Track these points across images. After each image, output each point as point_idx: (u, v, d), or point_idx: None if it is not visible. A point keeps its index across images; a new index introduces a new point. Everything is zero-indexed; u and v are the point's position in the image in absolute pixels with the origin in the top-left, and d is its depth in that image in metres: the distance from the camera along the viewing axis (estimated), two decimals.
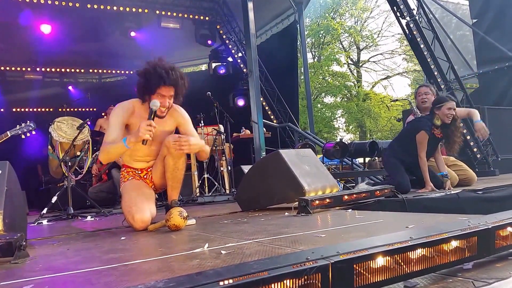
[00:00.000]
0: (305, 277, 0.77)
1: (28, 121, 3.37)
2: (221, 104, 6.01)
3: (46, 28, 7.36)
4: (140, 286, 0.70)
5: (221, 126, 6.01)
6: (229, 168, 5.85)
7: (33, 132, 3.41)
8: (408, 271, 0.95)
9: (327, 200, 2.86)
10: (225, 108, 6.17)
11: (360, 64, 26.24)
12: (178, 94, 2.66)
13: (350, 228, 1.98)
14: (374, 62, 26.25)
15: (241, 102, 9.18)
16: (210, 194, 5.57)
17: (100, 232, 2.72)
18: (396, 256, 0.93)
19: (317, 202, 2.76)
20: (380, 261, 0.90)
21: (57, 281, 1.32)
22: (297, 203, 2.76)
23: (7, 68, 9.52)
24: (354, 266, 0.83)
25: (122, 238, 2.26)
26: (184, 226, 2.36)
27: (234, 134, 6.99)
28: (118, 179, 5.41)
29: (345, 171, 7.56)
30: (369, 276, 0.87)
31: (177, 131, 2.83)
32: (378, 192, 3.29)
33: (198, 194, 5.57)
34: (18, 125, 3.30)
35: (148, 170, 2.82)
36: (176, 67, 2.62)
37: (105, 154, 2.53)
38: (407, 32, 6.11)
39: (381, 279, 0.89)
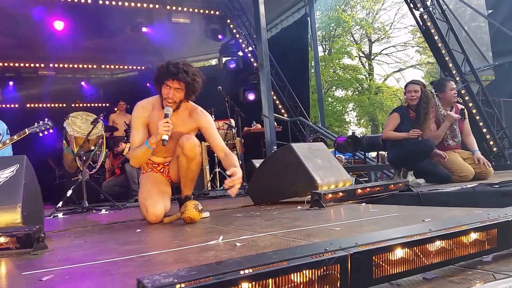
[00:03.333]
0: (324, 267, 0.77)
1: (46, 119, 3.43)
2: (232, 99, 6.01)
3: (59, 25, 7.44)
4: (162, 274, 0.71)
5: (232, 120, 6.02)
6: (240, 162, 5.87)
7: (51, 131, 3.47)
8: (427, 263, 0.95)
9: (340, 193, 2.85)
10: (236, 102, 6.18)
11: (372, 57, 25.94)
12: (189, 91, 2.64)
13: (364, 221, 1.98)
14: (386, 54, 25.94)
15: (251, 96, 9.17)
16: (221, 188, 5.59)
17: (115, 224, 2.76)
18: (415, 248, 0.92)
19: (330, 195, 2.76)
20: (399, 253, 0.89)
21: (76, 271, 1.35)
22: (309, 196, 2.76)
23: (21, 65, 9.62)
24: (373, 257, 0.83)
25: (138, 230, 2.29)
26: (199, 219, 2.39)
27: (245, 128, 6.99)
28: (131, 173, 5.56)
29: (357, 165, 7.52)
30: (388, 267, 0.87)
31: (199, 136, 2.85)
32: (392, 186, 3.26)
33: (209, 188, 5.61)
34: (36, 123, 3.37)
35: (165, 164, 2.86)
36: (189, 65, 2.65)
37: (135, 159, 2.69)
38: (421, 23, 6.03)
39: (399, 271, 0.89)
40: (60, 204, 4.02)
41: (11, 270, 1.45)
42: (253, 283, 0.72)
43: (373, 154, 8.06)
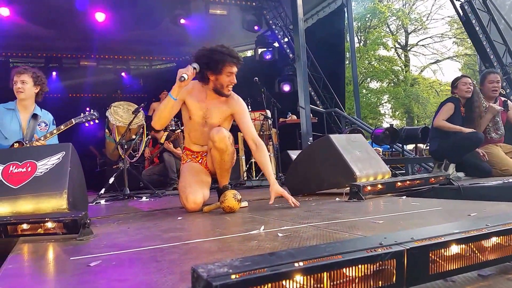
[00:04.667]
0: (380, 262, 0.75)
1: (92, 110, 3.55)
2: (267, 90, 6.00)
3: (100, 16, 7.66)
4: (216, 264, 0.71)
5: (268, 111, 6.01)
6: (276, 153, 5.87)
7: (96, 121, 3.59)
8: (483, 260, 0.91)
9: (380, 186, 2.80)
10: (271, 93, 6.16)
11: (408, 48, 25.28)
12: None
13: (407, 215, 1.93)
14: (423, 45, 25.30)
15: (286, 88, 9.12)
16: (257, 178, 5.62)
17: (156, 212, 2.83)
18: (471, 244, 0.89)
19: (369, 188, 2.71)
20: (455, 248, 0.86)
21: (123, 257, 1.36)
22: (348, 188, 2.73)
23: (63, 55, 9.96)
24: (430, 253, 0.80)
25: (179, 218, 2.33)
26: (238, 209, 2.41)
27: (280, 119, 6.98)
28: (169, 162, 5.68)
29: (394, 157, 7.35)
30: (444, 263, 0.84)
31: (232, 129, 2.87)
32: (432, 179, 3.18)
33: (245, 178, 5.65)
34: (82, 113, 3.49)
35: (203, 155, 2.89)
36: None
37: (156, 116, 2.66)
38: (461, 14, 5.80)
39: (456, 267, 0.86)
40: (102, 191, 4.19)
41: (59, 255, 1.48)
42: (308, 276, 0.71)
43: (410, 146, 7.84)
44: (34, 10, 7.46)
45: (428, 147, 7.72)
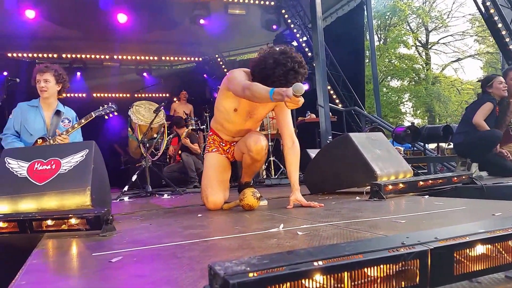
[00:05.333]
0: (402, 262, 0.74)
1: (110, 103, 3.60)
2: None
3: (122, 18, 7.80)
4: (234, 261, 0.71)
5: None
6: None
7: (115, 113, 3.63)
8: (510, 261, 0.88)
9: (401, 185, 2.75)
10: None
11: (429, 46, 24.80)
12: None
13: (430, 214, 1.89)
14: (444, 43, 24.83)
15: (305, 87, 9.04)
16: (276, 176, 5.61)
17: (177, 209, 2.86)
18: (497, 244, 0.86)
19: (390, 187, 2.67)
20: (481, 249, 0.84)
21: (144, 253, 1.38)
22: (369, 187, 2.69)
23: (87, 56, 10.17)
24: (455, 253, 0.78)
25: (199, 215, 2.35)
26: (257, 206, 2.41)
27: (299, 118, 6.94)
28: (188, 162, 5.74)
29: (415, 156, 7.22)
30: (469, 264, 0.81)
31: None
32: (455, 178, 3.11)
33: (264, 177, 5.65)
34: (101, 107, 3.53)
35: (232, 144, 2.83)
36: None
37: (251, 92, 2.24)
38: (483, 11, 5.64)
39: (481, 268, 0.83)
40: (126, 188, 4.29)
41: (82, 250, 1.51)
42: (328, 276, 0.70)
43: (432, 145, 7.69)
44: (59, 12, 7.65)
45: (450, 146, 7.57)
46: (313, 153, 4.63)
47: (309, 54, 8.87)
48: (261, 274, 0.67)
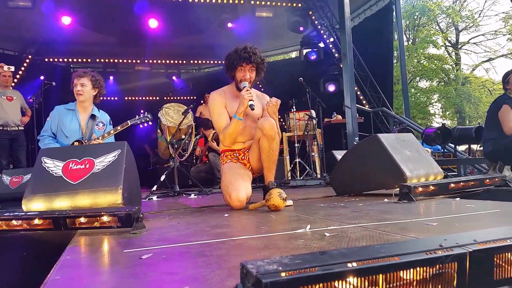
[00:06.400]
0: (439, 265, 0.71)
1: (146, 113, 3.72)
2: (312, 90, 5.95)
3: (153, 23, 7.99)
4: (266, 261, 0.70)
5: (312, 111, 5.96)
6: (321, 153, 5.80)
7: (150, 123, 3.76)
8: None
9: (432, 187, 2.68)
10: (316, 93, 6.10)
11: (459, 46, 24.14)
12: (259, 71, 2.94)
13: (463, 217, 1.83)
14: (474, 43, 24.13)
15: (331, 88, 8.99)
16: (301, 178, 5.59)
17: (204, 208, 2.88)
18: None
19: (420, 189, 2.60)
20: None
21: (174, 251, 1.40)
22: (397, 189, 2.63)
23: (120, 61, 10.53)
24: (495, 256, 0.75)
25: (226, 215, 2.36)
26: (283, 207, 2.40)
27: (325, 119, 6.89)
28: (215, 162, 5.79)
29: (445, 158, 7.03)
30: (510, 268, 0.78)
31: None
32: (488, 180, 3.01)
33: (290, 178, 5.63)
34: (137, 116, 3.67)
35: (246, 151, 2.93)
36: (254, 47, 2.89)
37: (228, 136, 2.84)
38: None
39: None
40: (154, 188, 4.39)
41: (113, 247, 1.54)
42: (361, 278, 0.68)
43: (462, 148, 7.47)
44: (95, 18, 7.92)
45: (481, 148, 7.32)
46: (339, 154, 4.59)
47: (336, 55, 8.81)
48: (293, 274, 0.66)
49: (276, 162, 2.85)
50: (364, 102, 8.66)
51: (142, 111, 3.77)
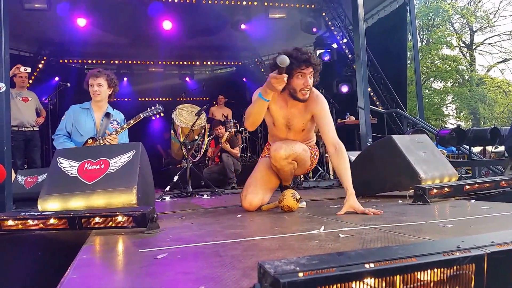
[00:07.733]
0: (457, 267, 0.71)
1: (157, 104, 3.73)
2: (325, 91, 5.92)
3: (167, 25, 8.06)
4: (283, 261, 0.71)
5: None
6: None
7: (162, 114, 3.77)
8: None
9: (446, 189, 2.65)
10: (329, 94, 6.07)
11: (474, 47, 23.80)
12: (315, 75, 2.61)
13: (479, 219, 1.81)
14: (489, 44, 23.75)
15: (345, 89, 8.94)
16: (314, 179, 5.56)
17: (217, 209, 2.89)
18: None
19: (435, 191, 2.58)
20: None
21: (188, 251, 1.41)
22: (412, 191, 2.61)
23: (134, 62, 10.65)
24: None
25: (239, 215, 2.37)
26: (296, 208, 2.39)
27: (338, 120, 6.86)
28: (228, 163, 5.81)
29: (459, 160, 6.93)
30: None
31: None
32: (503, 182, 2.96)
33: (302, 179, 5.61)
34: (148, 108, 3.67)
35: None
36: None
37: (248, 116, 2.51)
38: None
39: None
40: (168, 188, 4.42)
41: (128, 247, 1.56)
42: (379, 279, 0.68)
43: (477, 149, 7.35)
44: (109, 20, 8.02)
45: (496, 149, 7.20)
46: (352, 155, 4.53)
47: (349, 56, 8.76)
48: (310, 274, 0.66)
49: (289, 179, 2.84)
50: (377, 103, 8.59)
51: (157, 104, 3.78)
